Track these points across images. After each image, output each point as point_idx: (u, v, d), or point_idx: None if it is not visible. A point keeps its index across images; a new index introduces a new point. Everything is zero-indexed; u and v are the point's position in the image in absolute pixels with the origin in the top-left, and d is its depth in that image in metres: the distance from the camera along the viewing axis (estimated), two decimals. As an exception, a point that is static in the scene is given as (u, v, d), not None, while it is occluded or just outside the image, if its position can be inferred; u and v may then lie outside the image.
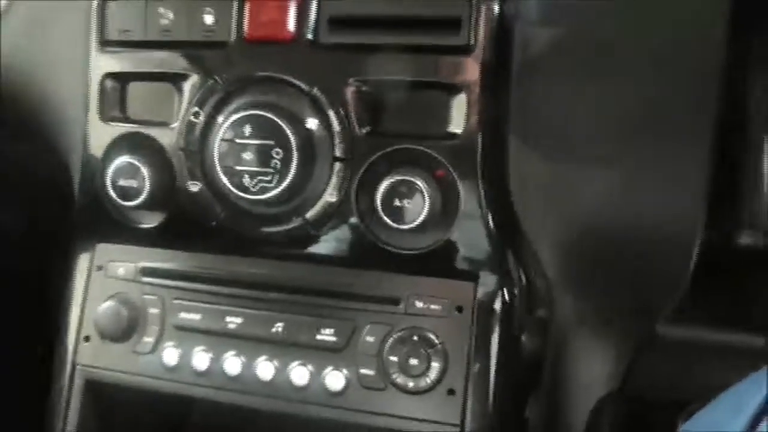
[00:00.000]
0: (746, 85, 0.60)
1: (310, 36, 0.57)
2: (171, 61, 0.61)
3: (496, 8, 0.55)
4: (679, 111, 0.55)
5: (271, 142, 0.56)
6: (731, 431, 0.38)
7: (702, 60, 0.54)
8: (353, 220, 0.57)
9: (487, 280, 0.56)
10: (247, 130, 0.56)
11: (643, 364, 0.62)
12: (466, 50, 0.54)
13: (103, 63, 0.63)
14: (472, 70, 0.54)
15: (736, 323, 0.64)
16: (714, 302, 0.64)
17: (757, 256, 0.62)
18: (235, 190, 0.57)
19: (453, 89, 0.55)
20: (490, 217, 0.55)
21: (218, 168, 0.57)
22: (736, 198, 0.62)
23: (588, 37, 0.56)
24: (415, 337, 0.56)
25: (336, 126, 0.57)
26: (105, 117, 0.63)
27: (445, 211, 0.55)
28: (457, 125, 0.55)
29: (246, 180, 0.56)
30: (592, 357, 0.61)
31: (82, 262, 0.65)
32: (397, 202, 0.54)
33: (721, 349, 0.65)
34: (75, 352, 0.64)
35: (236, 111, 0.57)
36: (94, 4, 0.63)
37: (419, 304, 0.56)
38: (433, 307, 0.56)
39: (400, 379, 0.56)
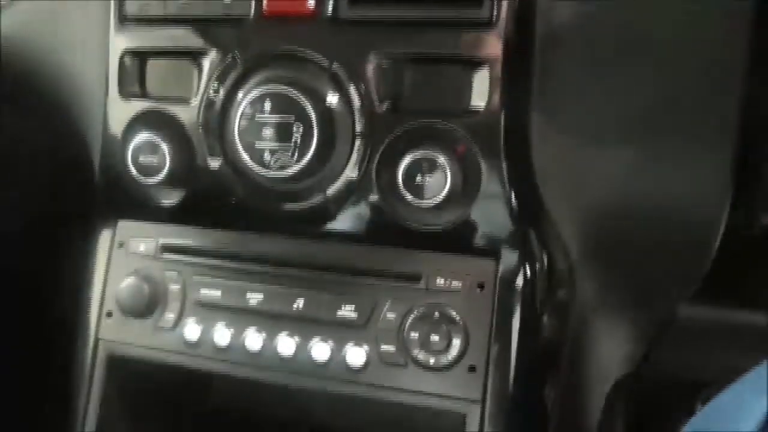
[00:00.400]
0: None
1: (329, 11, 0.57)
2: (190, 37, 0.61)
3: (519, -19, 0.54)
4: (704, 94, 0.54)
5: (292, 119, 0.55)
6: (755, 411, 0.38)
7: (728, 42, 0.53)
8: (374, 196, 0.57)
9: (509, 258, 0.56)
10: (267, 106, 0.56)
11: (662, 345, 0.62)
12: (488, 24, 0.54)
13: (123, 40, 0.63)
14: (494, 44, 0.54)
15: (757, 305, 0.63)
16: (736, 284, 0.63)
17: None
18: (255, 167, 0.57)
19: (475, 64, 0.54)
20: (512, 194, 0.55)
21: (238, 144, 0.57)
22: (761, 179, 0.61)
23: (612, 12, 0.55)
24: (436, 314, 0.56)
25: (356, 102, 0.56)
26: (125, 94, 0.64)
27: (467, 187, 0.55)
28: (479, 101, 0.55)
29: (266, 156, 0.56)
30: (612, 337, 0.61)
31: (104, 238, 0.66)
32: (418, 179, 0.54)
33: (743, 330, 0.64)
34: (98, 327, 0.64)
35: (256, 87, 0.57)
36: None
37: (440, 281, 0.56)
38: (454, 284, 0.56)
39: (421, 356, 0.56)
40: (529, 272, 0.56)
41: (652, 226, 0.57)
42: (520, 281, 0.55)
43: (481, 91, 0.54)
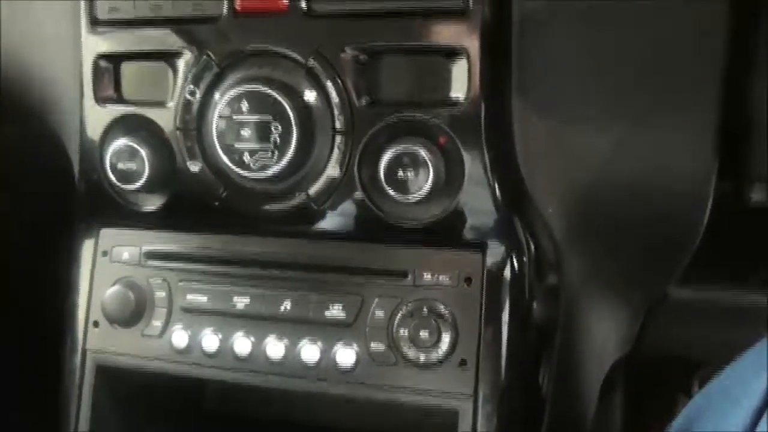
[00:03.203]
0: (757, 34, 0.58)
1: (303, 5, 0.56)
2: (163, 38, 0.59)
3: (492, -33, 0.53)
4: (686, 65, 0.54)
5: (270, 118, 0.54)
6: (756, 388, 0.38)
7: (710, 11, 0.52)
8: (357, 193, 0.56)
9: (495, 249, 0.55)
10: (245, 106, 0.55)
11: (655, 326, 0.61)
12: (463, 12, 0.53)
13: (95, 44, 0.62)
14: (470, 32, 0.53)
15: (748, 282, 0.63)
16: (725, 261, 0.63)
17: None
18: (235, 169, 0.56)
19: (452, 53, 0.54)
20: (496, 184, 0.54)
21: (217, 146, 0.56)
22: (748, 153, 0.60)
23: None
24: (425, 310, 0.55)
25: (335, 98, 0.56)
26: (100, 99, 0.62)
27: (450, 180, 0.54)
28: (458, 91, 0.54)
29: (246, 157, 0.55)
30: (605, 321, 0.61)
31: (87, 247, 0.65)
32: (400, 174, 0.53)
33: (735, 308, 0.64)
34: (85, 337, 0.64)
35: (232, 87, 0.56)
36: (82, -18, 0.61)
37: (427, 277, 0.56)
38: (441, 278, 0.55)
39: (411, 353, 0.55)
40: (516, 263, 0.55)
41: (638, 203, 0.56)
42: (507, 273, 0.55)
43: (459, 81, 0.54)
